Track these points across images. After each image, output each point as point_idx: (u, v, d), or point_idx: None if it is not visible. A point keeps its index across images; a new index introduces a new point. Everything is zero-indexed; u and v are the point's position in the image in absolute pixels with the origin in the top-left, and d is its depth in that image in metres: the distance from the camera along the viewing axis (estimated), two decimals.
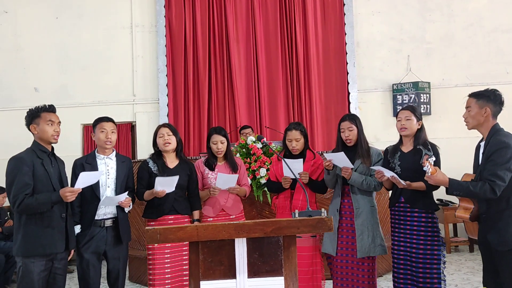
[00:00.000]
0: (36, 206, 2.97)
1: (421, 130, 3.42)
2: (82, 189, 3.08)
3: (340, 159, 3.41)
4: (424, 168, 2.81)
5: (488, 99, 2.89)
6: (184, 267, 3.53)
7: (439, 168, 3.26)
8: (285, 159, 3.33)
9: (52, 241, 3.04)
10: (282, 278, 1.99)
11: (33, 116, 3.13)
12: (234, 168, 3.79)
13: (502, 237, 2.77)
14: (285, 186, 3.60)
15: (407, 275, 3.39)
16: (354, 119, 3.60)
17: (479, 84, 6.80)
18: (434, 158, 2.85)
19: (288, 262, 1.98)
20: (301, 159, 3.52)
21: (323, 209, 2.00)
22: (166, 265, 3.48)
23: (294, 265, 1.99)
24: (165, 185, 3.37)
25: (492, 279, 2.90)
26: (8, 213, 5.97)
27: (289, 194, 3.64)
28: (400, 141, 3.53)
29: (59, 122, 3.20)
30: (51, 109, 3.18)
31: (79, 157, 3.63)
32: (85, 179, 3.05)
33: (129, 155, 7.44)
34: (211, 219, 3.71)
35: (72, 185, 3.27)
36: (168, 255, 3.50)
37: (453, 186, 2.87)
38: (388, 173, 3.26)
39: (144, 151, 7.27)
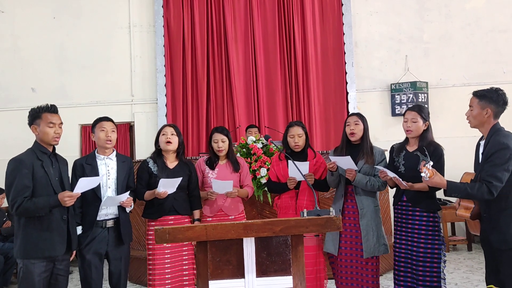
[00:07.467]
0: (34, 210, 2.93)
1: (427, 130, 3.42)
2: None
3: (345, 162, 3.42)
4: (422, 174, 2.81)
5: (491, 100, 2.89)
6: (184, 267, 3.53)
7: (443, 167, 3.29)
8: (294, 161, 3.30)
9: (51, 244, 3.01)
10: (291, 277, 1.99)
11: (34, 117, 3.08)
12: (235, 168, 3.78)
13: (502, 236, 2.79)
14: (290, 187, 3.58)
15: (408, 273, 3.41)
16: (362, 117, 3.67)
17: (476, 84, 6.84)
18: (431, 163, 2.85)
19: (296, 261, 1.98)
20: (307, 162, 3.52)
21: (331, 208, 2.01)
22: (166, 265, 3.47)
23: (302, 264, 2.00)
24: (168, 186, 3.37)
25: (494, 277, 2.92)
26: (6, 214, 5.94)
27: (294, 194, 3.62)
28: (406, 140, 3.53)
29: (61, 123, 3.15)
30: (52, 109, 3.12)
31: (77, 157, 3.62)
32: (84, 184, 3.01)
33: (127, 155, 7.40)
34: (210, 219, 3.71)
35: (72, 186, 3.26)
36: (168, 255, 3.49)
37: (451, 189, 2.88)
38: (391, 174, 3.28)
39: (142, 151, 7.25)
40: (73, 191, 3.00)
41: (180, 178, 3.41)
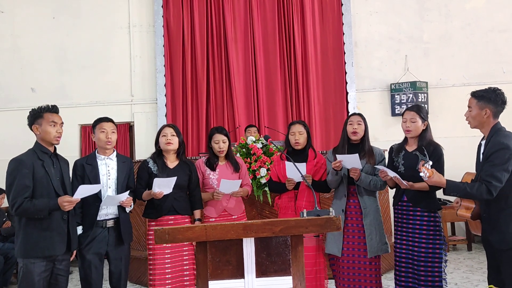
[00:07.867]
0: (33, 211, 2.94)
1: (426, 130, 3.42)
2: None
3: (351, 161, 3.41)
4: (421, 174, 2.82)
5: (489, 100, 2.89)
6: (185, 267, 3.53)
7: (443, 167, 3.28)
8: (292, 162, 3.29)
9: (51, 244, 3.02)
10: (290, 277, 1.99)
11: (36, 117, 3.10)
12: (236, 168, 3.79)
13: (502, 236, 2.79)
14: (289, 187, 3.58)
15: (409, 273, 3.41)
16: (363, 117, 3.69)
17: (476, 83, 6.83)
18: (431, 163, 2.85)
19: (296, 262, 1.98)
20: (304, 164, 3.52)
21: (331, 209, 2.01)
22: (166, 265, 3.47)
23: (301, 265, 2.00)
24: (163, 186, 3.36)
25: (495, 277, 2.93)
26: (6, 214, 5.94)
27: (293, 194, 3.62)
28: (405, 140, 3.54)
29: (62, 123, 3.17)
30: (54, 109, 3.14)
31: (77, 157, 3.62)
32: (84, 191, 3.02)
33: (127, 155, 7.40)
34: (213, 219, 3.70)
35: (73, 186, 3.26)
36: (169, 255, 3.49)
37: (450, 188, 2.89)
38: (391, 173, 3.28)
39: (142, 151, 7.25)
40: (73, 197, 3.00)
41: (175, 178, 3.38)
